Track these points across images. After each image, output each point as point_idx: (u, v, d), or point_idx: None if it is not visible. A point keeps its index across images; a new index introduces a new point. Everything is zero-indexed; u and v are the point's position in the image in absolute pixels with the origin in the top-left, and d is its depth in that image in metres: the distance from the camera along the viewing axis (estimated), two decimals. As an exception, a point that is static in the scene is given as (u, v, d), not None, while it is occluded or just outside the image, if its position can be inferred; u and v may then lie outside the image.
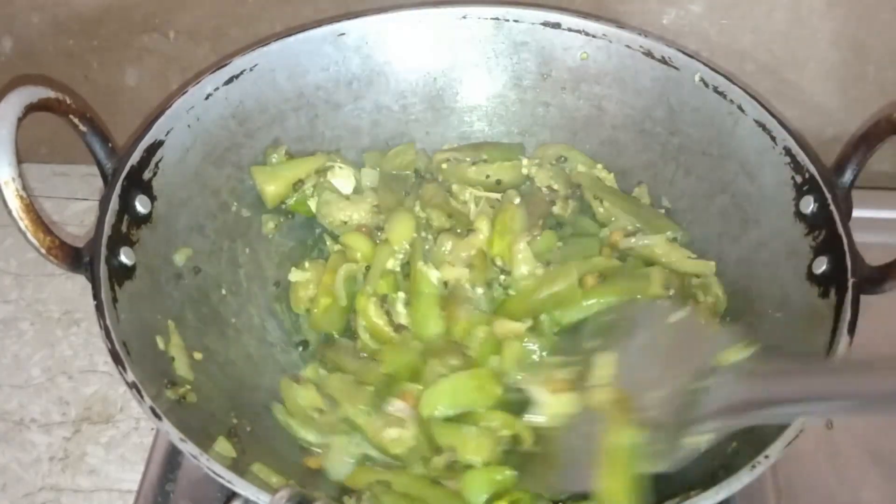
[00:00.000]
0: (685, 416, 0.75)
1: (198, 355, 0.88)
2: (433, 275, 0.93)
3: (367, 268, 0.96)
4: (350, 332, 0.95)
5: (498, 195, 1.01)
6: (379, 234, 0.98)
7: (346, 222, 1.00)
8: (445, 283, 0.93)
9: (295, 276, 0.98)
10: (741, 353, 0.75)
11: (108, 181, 0.87)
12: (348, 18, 1.01)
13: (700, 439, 0.74)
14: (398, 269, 0.95)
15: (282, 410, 0.89)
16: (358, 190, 1.03)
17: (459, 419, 0.86)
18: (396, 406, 0.86)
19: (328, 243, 1.01)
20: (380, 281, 0.94)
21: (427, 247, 0.96)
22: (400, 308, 0.93)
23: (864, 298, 0.80)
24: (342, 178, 1.02)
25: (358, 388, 0.88)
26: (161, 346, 0.84)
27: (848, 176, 0.88)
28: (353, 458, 0.85)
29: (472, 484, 0.81)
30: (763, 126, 0.93)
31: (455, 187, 1.02)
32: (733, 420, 0.73)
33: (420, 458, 0.84)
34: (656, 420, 0.78)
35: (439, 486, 0.82)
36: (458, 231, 0.96)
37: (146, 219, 0.88)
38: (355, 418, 0.85)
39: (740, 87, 0.95)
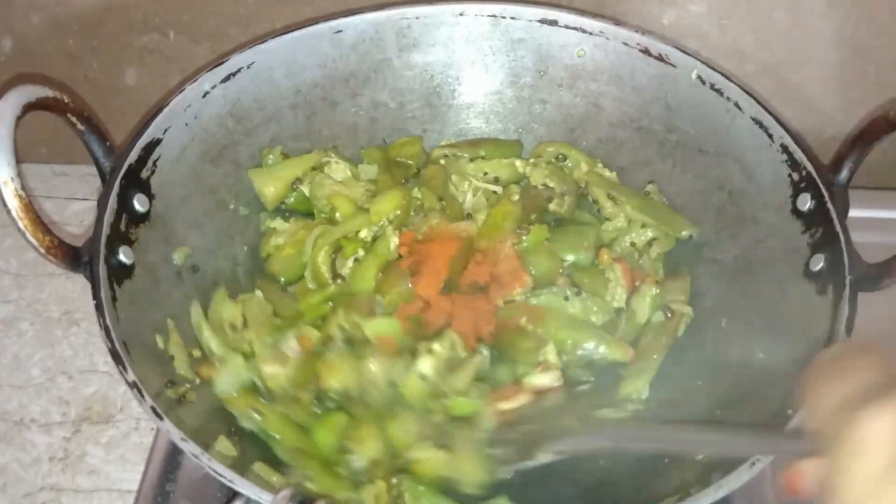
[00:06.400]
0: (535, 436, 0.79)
1: (197, 353, 0.88)
2: (393, 241, 0.94)
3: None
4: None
5: (496, 188, 1.02)
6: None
7: None
8: (401, 256, 0.94)
9: (275, 223, 1.00)
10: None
11: (107, 180, 0.87)
12: (345, 16, 1.01)
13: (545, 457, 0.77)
14: (369, 238, 0.96)
15: (199, 312, 0.90)
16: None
17: None
18: (290, 345, 0.87)
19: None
20: (346, 242, 0.95)
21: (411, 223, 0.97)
22: (349, 263, 0.94)
23: (861, 295, 0.80)
24: (338, 173, 1.02)
25: (270, 318, 0.90)
26: (161, 345, 0.85)
27: (845, 174, 0.88)
28: (240, 381, 0.86)
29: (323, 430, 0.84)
30: (760, 123, 0.93)
31: (455, 177, 1.02)
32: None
33: (290, 398, 0.86)
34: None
35: (301, 429, 0.84)
36: (448, 214, 0.97)
37: (144, 217, 0.88)
38: (254, 344, 0.87)
39: (737, 85, 0.95)
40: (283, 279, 0.98)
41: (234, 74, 0.97)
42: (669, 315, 0.93)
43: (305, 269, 0.96)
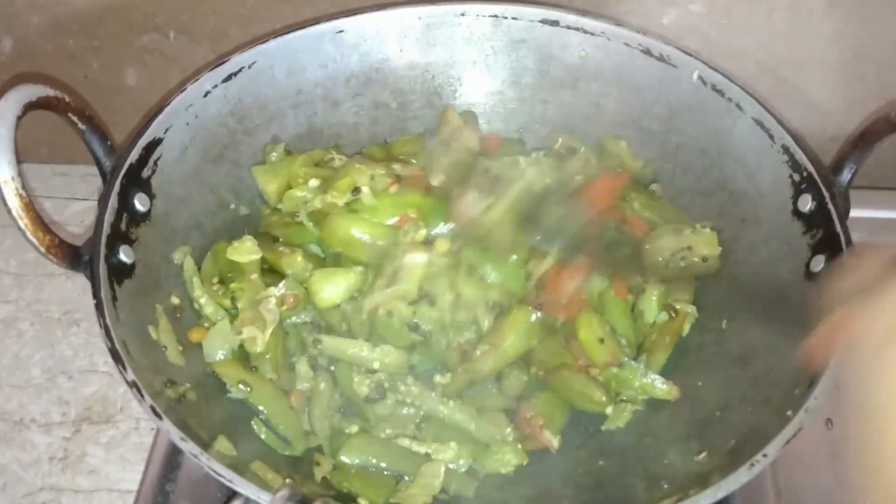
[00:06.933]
0: None
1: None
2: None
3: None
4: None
5: None
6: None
7: None
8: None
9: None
10: None
11: (107, 179, 0.87)
12: (347, 16, 1.01)
13: None
14: None
15: (192, 267, 0.92)
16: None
17: None
18: (269, 307, 0.89)
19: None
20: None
21: None
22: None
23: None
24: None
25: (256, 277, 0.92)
26: (154, 335, 0.85)
27: (846, 174, 0.89)
28: (229, 346, 0.88)
29: None
30: (761, 124, 0.93)
31: None
32: None
33: (271, 365, 0.88)
34: None
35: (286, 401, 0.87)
36: None
37: (145, 217, 0.88)
38: (238, 300, 0.89)
39: (738, 86, 0.95)
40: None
41: (235, 74, 0.97)
42: (674, 315, 0.93)
43: None
